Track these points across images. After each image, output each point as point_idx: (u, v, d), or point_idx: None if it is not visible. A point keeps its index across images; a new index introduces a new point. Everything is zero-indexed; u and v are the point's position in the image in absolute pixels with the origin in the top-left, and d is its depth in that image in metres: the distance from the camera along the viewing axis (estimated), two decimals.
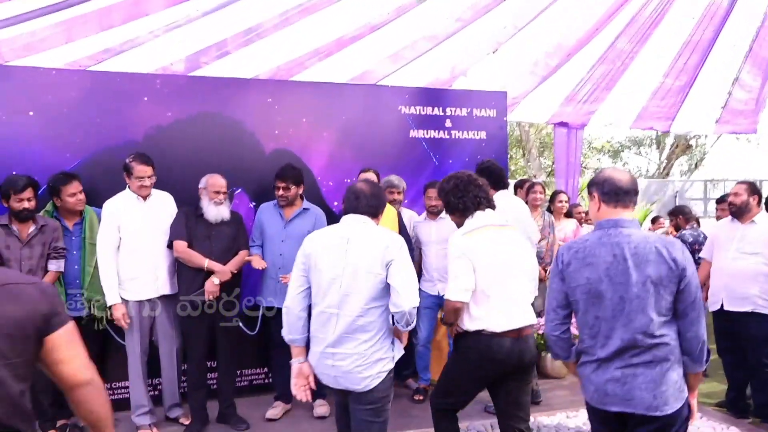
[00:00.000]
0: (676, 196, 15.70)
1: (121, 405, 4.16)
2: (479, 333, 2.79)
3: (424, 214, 4.59)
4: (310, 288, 2.74)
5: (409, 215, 4.69)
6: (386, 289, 2.62)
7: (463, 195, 2.93)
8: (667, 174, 19.82)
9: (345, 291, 2.62)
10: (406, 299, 2.56)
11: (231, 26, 5.66)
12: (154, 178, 3.93)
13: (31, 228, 3.69)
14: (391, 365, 2.70)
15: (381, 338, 2.66)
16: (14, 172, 3.84)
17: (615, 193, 2.33)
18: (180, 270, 3.97)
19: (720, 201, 5.57)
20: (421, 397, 4.54)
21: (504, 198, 4.08)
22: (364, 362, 2.62)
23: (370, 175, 4.38)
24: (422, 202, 4.66)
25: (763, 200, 4.18)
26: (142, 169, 3.86)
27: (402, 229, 4.33)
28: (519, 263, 2.89)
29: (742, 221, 4.07)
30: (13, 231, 3.66)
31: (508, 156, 18.52)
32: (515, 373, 2.84)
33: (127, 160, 3.90)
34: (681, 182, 17.71)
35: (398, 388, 4.72)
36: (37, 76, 4.26)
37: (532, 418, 4.08)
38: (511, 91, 6.75)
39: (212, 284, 3.87)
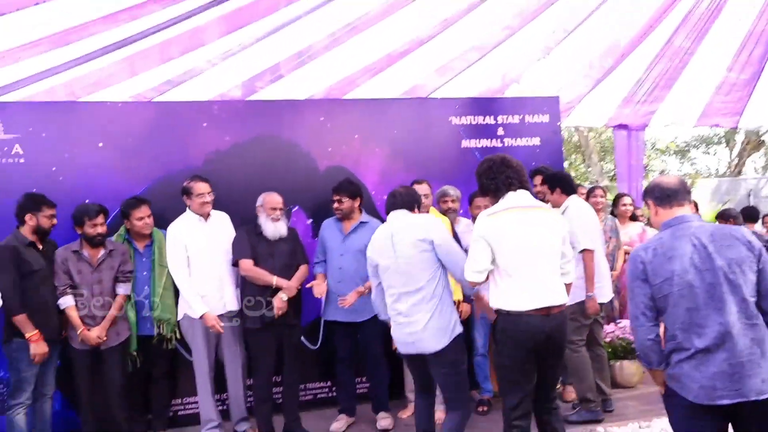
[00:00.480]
0: (749, 195, 14.91)
1: (191, 419, 4.33)
2: (507, 314, 2.92)
3: (470, 222, 4.55)
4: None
5: (466, 224, 4.67)
6: (437, 262, 3.13)
7: (495, 176, 3.01)
8: (740, 172, 18.88)
9: (403, 272, 3.16)
10: (457, 272, 3.09)
11: (283, 50, 5.86)
12: (213, 196, 4.09)
13: (101, 253, 3.88)
14: (459, 329, 3.20)
15: (443, 306, 3.15)
16: (87, 201, 4.07)
17: (666, 195, 2.44)
18: (243, 287, 4.09)
19: None
20: (485, 408, 4.48)
21: (574, 203, 4.13)
22: (433, 327, 3.10)
23: (424, 187, 4.39)
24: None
25: None
26: (201, 187, 4.04)
27: (455, 239, 4.32)
28: (545, 244, 2.93)
29: None
30: (84, 256, 3.85)
31: (568, 162, 18.23)
32: (546, 353, 2.93)
33: (185, 183, 4.08)
34: (755, 180, 16.81)
35: None
36: (104, 110, 4.53)
37: (602, 429, 4.02)
38: (565, 96, 6.66)
39: (281, 301, 3.97)
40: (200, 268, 4.02)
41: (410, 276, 3.15)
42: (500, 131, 5.11)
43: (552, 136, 5.23)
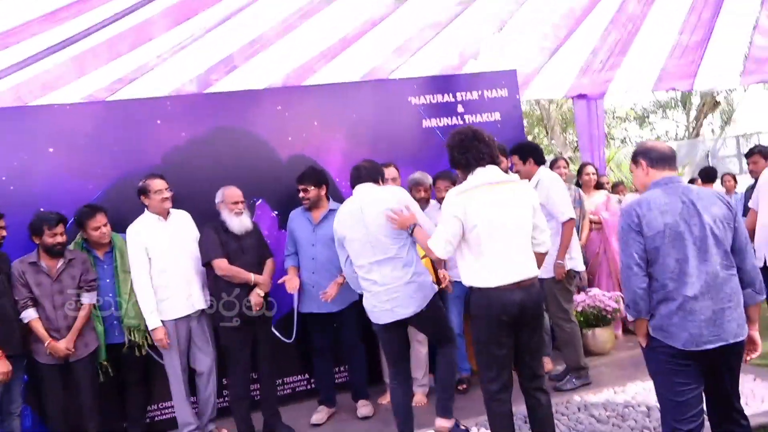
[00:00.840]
0: (708, 156, 15.27)
1: (169, 424, 4.25)
2: (479, 290, 2.94)
3: (437, 204, 4.51)
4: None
5: (433, 205, 4.63)
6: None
7: (466, 151, 2.99)
8: (698, 134, 19.30)
9: (375, 243, 3.33)
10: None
11: (235, 40, 5.72)
12: (171, 192, 4.00)
13: (60, 263, 3.75)
14: (435, 287, 3.51)
15: (418, 268, 3.40)
16: (41, 209, 3.92)
17: (662, 159, 2.64)
18: (216, 288, 3.98)
19: (749, 155, 5.40)
20: (465, 387, 4.51)
21: (546, 174, 4.28)
22: (411, 290, 3.34)
23: (391, 171, 4.35)
24: None
25: None
26: (158, 183, 3.94)
27: None
28: (515, 219, 2.95)
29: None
30: (43, 268, 3.72)
31: (531, 136, 18.35)
32: (521, 324, 2.94)
33: (141, 182, 3.97)
34: (712, 141, 17.21)
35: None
36: (52, 112, 4.36)
37: (578, 397, 4.07)
38: (523, 68, 6.65)
39: (257, 296, 3.92)
40: (163, 269, 3.92)
41: (382, 246, 3.33)
42: (460, 108, 5.09)
43: (512, 110, 5.23)
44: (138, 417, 4.16)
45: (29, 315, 3.64)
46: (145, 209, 4.01)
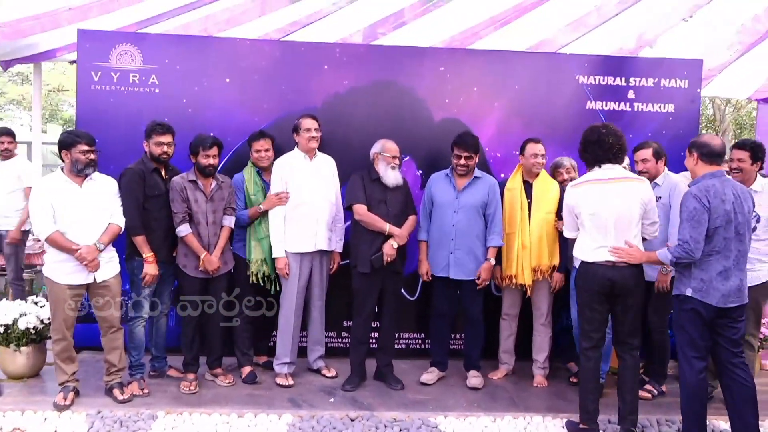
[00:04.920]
0: None
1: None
2: (582, 263, 3.49)
3: None
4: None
5: None
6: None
7: (588, 150, 3.52)
8: None
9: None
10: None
11: None
12: (320, 134, 4.16)
13: (213, 184, 4.05)
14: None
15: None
16: (212, 134, 4.24)
17: (712, 155, 3.26)
18: (356, 233, 4.15)
19: None
20: (577, 380, 4.34)
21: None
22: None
23: (539, 147, 4.22)
24: None
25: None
26: (308, 122, 4.13)
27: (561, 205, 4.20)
28: (619, 212, 3.37)
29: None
30: (199, 186, 4.01)
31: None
32: (614, 297, 3.42)
33: (296, 121, 4.20)
34: None
35: (558, 370, 4.59)
36: (233, 45, 4.68)
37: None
38: (707, 63, 6.06)
39: (391, 247, 4.01)
40: (298, 204, 4.12)
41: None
42: (631, 94, 4.76)
43: (689, 104, 4.80)
44: (262, 338, 4.48)
45: (186, 229, 3.94)
46: (296, 146, 4.22)
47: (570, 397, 4.12)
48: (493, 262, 4.16)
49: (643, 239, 3.50)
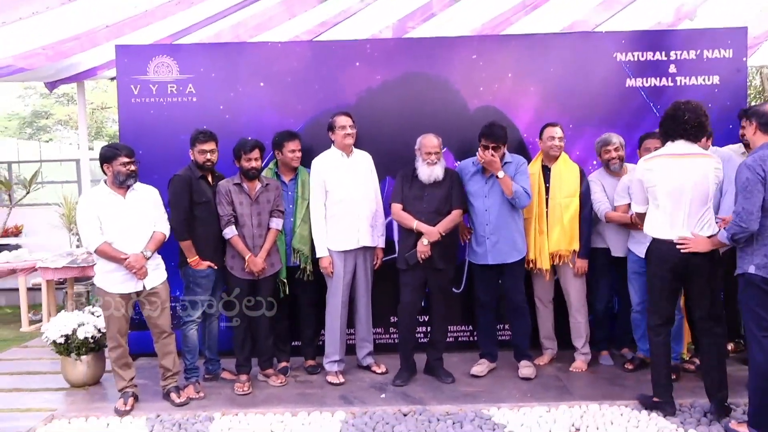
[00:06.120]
0: None
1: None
2: (654, 239, 3.46)
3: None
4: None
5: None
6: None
7: (661, 125, 3.49)
8: None
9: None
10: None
11: None
12: (355, 130, 4.18)
13: (258, 186, 4.10)
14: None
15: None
16: (249, 137, 4.30)
17: None
18: (399, 230, 4.18)
19: None
20: (632, 366, 4.26)
21: None
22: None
23: (557, 130, 4.19)
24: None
25: None
26: (343, 120, 4.16)
27: (583, 187, 4.21)
28: (691, 188, 3.33)
29: None
30: (244, 188, 4.07)
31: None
32: (686, 274, 3.38)
33: (330, 119, 4.21)
34: None
35: (613, 357, 4.49)
36: (265, 50, 4.74)
37: None
38: (751, 30, 5.81)
39: (422, 245, 4.00)
40: (337, 201, 4.15)
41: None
42: (672, 68, 4.60)
43: (735, 74, 4.61)
44: (310, 339, 4.50)
45: (231, 231, 4.02)
46: (332, 144, 4.23)
47: (626, 383, 4.03)
48: None
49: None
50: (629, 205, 3.94)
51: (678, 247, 3.33)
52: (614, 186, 4.18)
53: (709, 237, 3.32)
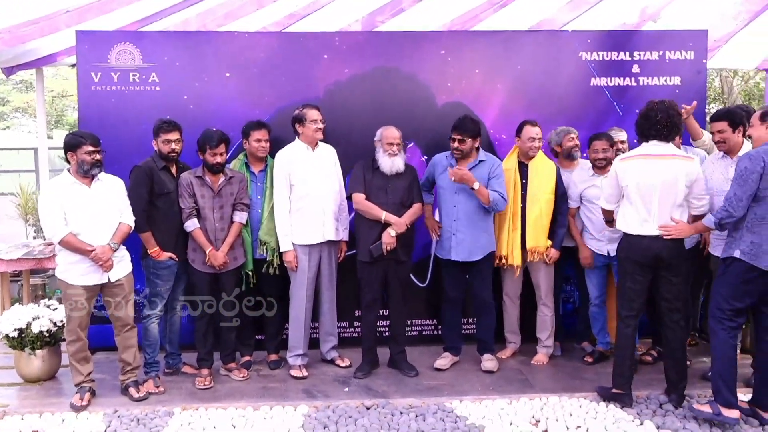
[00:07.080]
0: None
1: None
2: (626, 234, 3.60)
3: (590, 169, 4.25)
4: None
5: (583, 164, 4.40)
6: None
7: (636, 124, 3.61)
8: None
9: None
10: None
11: None
12: (324, 124, 4.14)
13: (221, 179, 4.03)
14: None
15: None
16: (214, 128, 4.20)
17: None
18: (358, 223, 4.15)
19: None
20: (591, 359, 4.35)
21: None
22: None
23: (536, 130, 4.20)
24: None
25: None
26: (314, 113, 4.11)
27: (558, 184, 4.24)
28: (663, 187, 3.45)
29: None
30: (207, 181, 4.00)
31: (706, 111, 16.61)
32: (657, 268, 3.52)
33: (297, 111, 4.16)
34: None
35: (574, 351, 4.56)
36: (232, 39, 4.66)
37: None
38: (712, 33, 5.95)
39: (389, 236, 3.99)
40: (303, 196, 4.11)
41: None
42: (635, 68, 4.69)
43: (696, 75, 4.73)
44: (274, 334, 4.46)
45: (193, 224, 3.96)
46: (296, 137, 4.19)
47: (585, 376, 4.11)
48: None
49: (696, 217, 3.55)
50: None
51: (661, 234, 3.45)
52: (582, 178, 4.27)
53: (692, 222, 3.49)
